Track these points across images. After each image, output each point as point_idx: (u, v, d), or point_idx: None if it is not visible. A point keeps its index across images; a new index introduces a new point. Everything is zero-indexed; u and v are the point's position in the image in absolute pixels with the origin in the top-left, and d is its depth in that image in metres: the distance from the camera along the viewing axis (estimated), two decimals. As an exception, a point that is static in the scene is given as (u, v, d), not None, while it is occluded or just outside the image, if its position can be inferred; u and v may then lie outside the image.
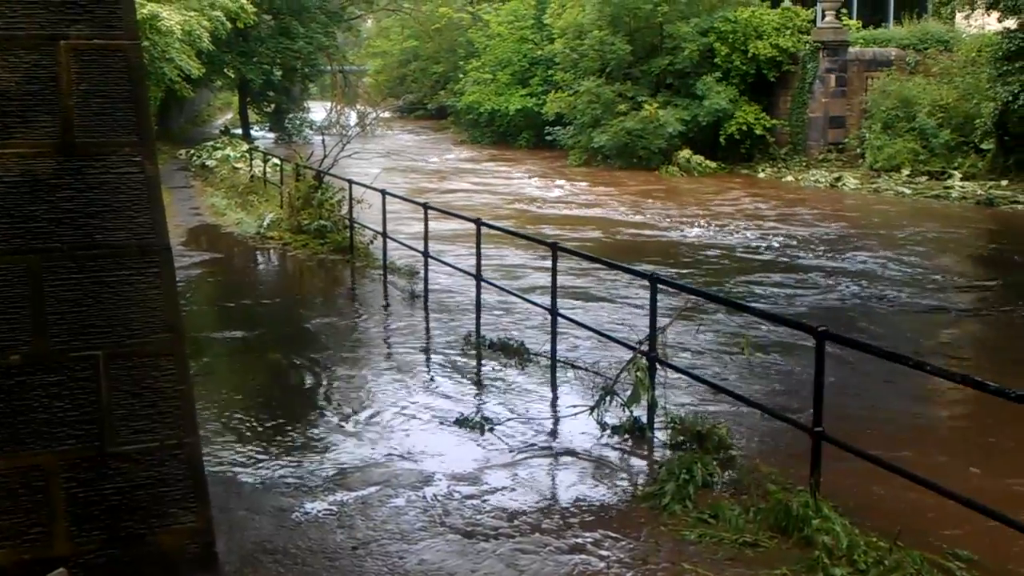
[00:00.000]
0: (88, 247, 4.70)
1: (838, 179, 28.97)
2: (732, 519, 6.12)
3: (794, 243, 19.32)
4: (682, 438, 7.54)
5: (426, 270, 12.79)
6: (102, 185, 4.67)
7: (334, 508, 6.42)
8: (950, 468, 7.66)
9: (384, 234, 14.42)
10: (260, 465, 7.25)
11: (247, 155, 30.19)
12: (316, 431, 8.17)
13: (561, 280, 9.86)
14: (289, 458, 7.41)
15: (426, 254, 12.69)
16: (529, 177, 31.68)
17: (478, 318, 10.88)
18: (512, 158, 38.10)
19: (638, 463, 7.45)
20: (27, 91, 4.48)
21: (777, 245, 19.10)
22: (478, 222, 11.16)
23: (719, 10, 34.07)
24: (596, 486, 6.90)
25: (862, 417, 8.86)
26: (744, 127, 32.45)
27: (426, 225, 12.83)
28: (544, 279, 9.58)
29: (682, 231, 21.01)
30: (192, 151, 32.65)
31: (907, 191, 26.96)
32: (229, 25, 28.51)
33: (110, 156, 4.69)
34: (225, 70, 40.80)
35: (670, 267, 16.35)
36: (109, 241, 4.70)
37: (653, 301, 7.67)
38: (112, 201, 4.72)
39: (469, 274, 11.35)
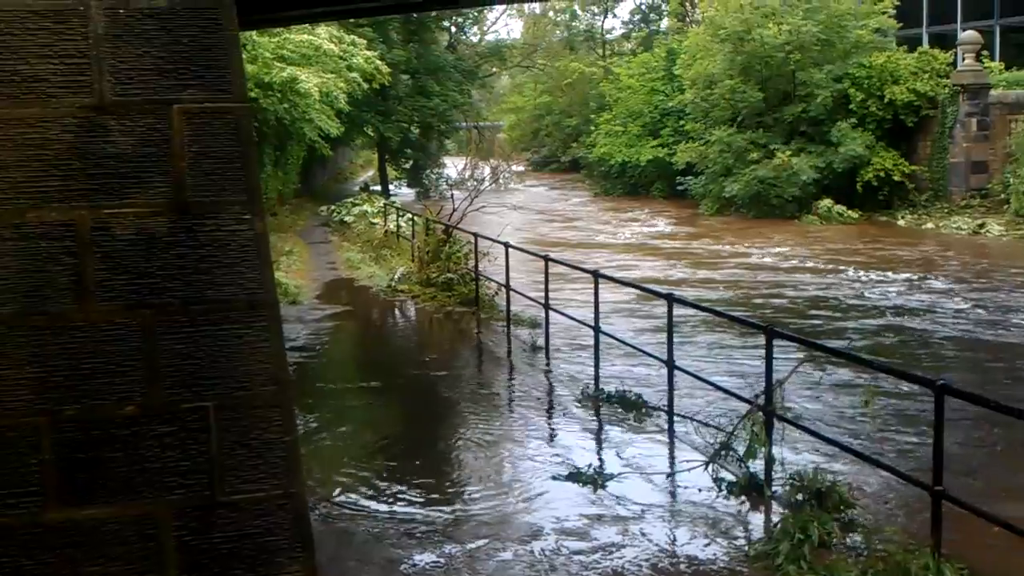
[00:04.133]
0: (199, 302, 4.83)
1: (981, 226, 27.82)
2: (848, 581, 5.90)
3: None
4: (800, 496, 7.30)
5: (547, 322, 12.81)
6: (213, 242, 4.81)
7: (442, 560, 6.45)
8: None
9: (507, 286, 14.55)
10: (373, 514, 7.35)
11: (383, 211, 31.03)
12: (431, 481, 8.22)
13: (684, 329, 9.74)
14: (401, 508, 7.48)
15: (547, 306, 12.73)
16: (794, 260, 23.20)
17: (596, 370, 10.82)
18: (712, 229, 30.50)
19: (753, 521, 7.24)
20: (142, 153, 4.66)
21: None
22: (596, 273, 11.20)
23: (853, 56, 33.44)
24: (708, 544, 6.74)
25: (996, 472, 8.43)
26: (882, 173, 31.58)
27: (547, 278, 12.88)
28: (667, 325, 9.49)
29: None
30: (332, 207, 33.77)
31: (1055, 237, 25.76)
32: (365, 86, 29.40)
33: (220, 215, 4.83)
34: (365, 129, 42.02)
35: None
36: (219, 296, 4.83)
37: (769, 354, 7.50)
38: (222, 257, 4.85)
39: (588, 325, 11.33)
